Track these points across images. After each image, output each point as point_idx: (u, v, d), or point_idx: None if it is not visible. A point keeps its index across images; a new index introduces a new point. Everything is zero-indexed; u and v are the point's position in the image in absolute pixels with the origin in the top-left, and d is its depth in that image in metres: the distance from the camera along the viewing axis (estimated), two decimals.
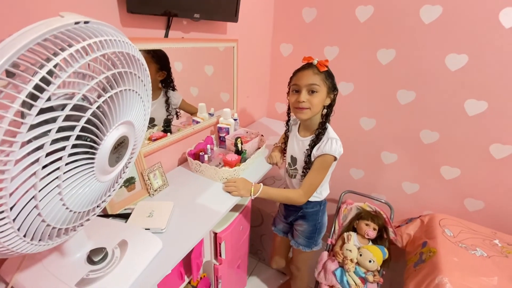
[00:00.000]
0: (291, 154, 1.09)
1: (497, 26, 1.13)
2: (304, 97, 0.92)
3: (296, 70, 0.98)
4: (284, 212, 1.22)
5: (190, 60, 1.13)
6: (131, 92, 0.48)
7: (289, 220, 1.21)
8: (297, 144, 1.06)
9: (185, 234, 0.79)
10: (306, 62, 0.95)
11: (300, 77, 0.93)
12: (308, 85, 0.92)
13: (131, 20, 0.83)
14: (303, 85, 0.92)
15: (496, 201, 1.36)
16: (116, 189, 0.58)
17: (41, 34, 0.33)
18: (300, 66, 0.97)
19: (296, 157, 1.06)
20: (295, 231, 1.20)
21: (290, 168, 1.11)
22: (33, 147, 0.32)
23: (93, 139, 0.42)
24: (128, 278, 0.61)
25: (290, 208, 1.17)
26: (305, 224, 1.14)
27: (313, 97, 0.92)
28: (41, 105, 0.31)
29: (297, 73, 0.96)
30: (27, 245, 0.38)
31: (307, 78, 0.92)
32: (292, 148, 1.09)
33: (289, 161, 1.11)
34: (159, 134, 1.06)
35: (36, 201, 0.35)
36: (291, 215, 1.18)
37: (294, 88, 0.96)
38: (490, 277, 1.03)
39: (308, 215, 1.12)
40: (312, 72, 0.92)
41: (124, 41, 0.44)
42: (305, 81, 0.92)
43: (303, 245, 1.17)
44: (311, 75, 0.92)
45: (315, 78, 0.91)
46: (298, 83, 0.94)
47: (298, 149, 1.05)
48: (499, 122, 1.24)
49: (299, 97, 0.93)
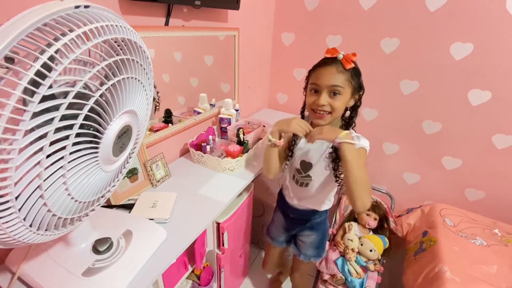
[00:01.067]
0: (303, 159, 0.92)
1: (504, 15, 1.10)
2: (324, 99, 0.78)
3: (316, 64, 0.83)
4: (285, 224, 1.09)
5: (189, 50, 1.11)
6: (133, 80, 0.47)
7: (293, 233, 1.11)
8: (310, 151, 0.91)
9: (189, 224, 0.79)
10: (330, 55, 0.80)
11: (321, 76, 0.78)
12: (330, 86, 0.77)
13: (131, 7, 0.81)
14: (324, 85, 0.78)
15: (496, 191, 1.36)
16: (120, 179, 0.57)
17: (41, 18, 0.32)
18: (321, 60, 0.83)
19: (310, 162, 0.91)
20: (301, 243, 1.09)
21: (299, 174, 0.94)
22: (36, 136, 0.31)
23: (96, 128, 0.41)
24: (134, 267, 0.62)
25: (294, 221, 1.06)
26: (313, 235, 1.06)
27: (335, 100, 0.78)
28: (43, 92, 0.30)
29: (317, 69, 0.81)
30: (33, 235, 0.38)
31: (330, 78, 0.77)
32: (303, 151, 0.92)
33: (298, 167, 0.94)
34: (160, 125, 1.05)
35: (41, 190, 0.34)
36: (295, 227, 1.08)
37: (312, 87, 0.82)
38: (490, 266, 1.04)
39: (317, 225, 1.04)
40: (336, 70, 0.77)
41: (126, 27, 0.43)
42: (327, 81, 0.77)
43: (314, 256, 1.08)
44: (335, 74, 0.77)
45: (339, 78, 0.77)
46: (318, 83, 0.79)
47: (314, 153, 0.90)
48: (502, 112, 1.23)
49: (318, 99, 0.79)
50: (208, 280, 1.12)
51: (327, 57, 0.80)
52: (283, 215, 1.09)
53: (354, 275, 1.22)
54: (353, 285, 1.20)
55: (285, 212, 1.07)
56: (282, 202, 1.07)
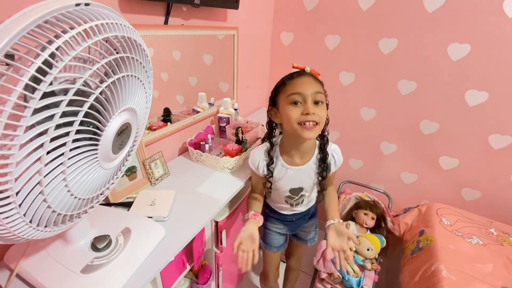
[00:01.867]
0: (291, 187, 0.89)
1: (501, 15, 1.12)
2: (312, 108, 0.72)
3: (285, 78, 0.79)
4: (287, 228, 1.07)
5: (188, 49, 1.11)
6: (133, 78, 0.48)
7: (297, 230, 1.11)
8: (295, 176, 0.87)
9: (187, 222, 0.80)
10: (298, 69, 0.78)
11: (301, 84, 0.74)
12: (314, 93, 0.73)
13: (130, 5, 0.81)
14: (308, 93, 0.72)
15: (493, 191, 1.38)
16: (119, 177, 0.58)
17: (42, 15, 0.32)
18: (288, 75, 0.80)
19: (300, 187, 0.90)
20: (303, 232, 1.12)
21: (291, 199, 0.94)
22: (37, 132, 0.32)
23: (96, 125, 0.41)
24: (133, 264, 0.62)
25: (297, 221, 1.05)
26: (313, 219, 1.12)
27: (320, 109, 0.74)
28: (44, 88, 0.31)
29: (292, 81, 0.76)
30: (33, 231, 0.38)
31: (311, 85, 0.74)
32: (289, 182, 0.88)
33: (288, 194, 0.91)
34: (159, 124, 1.05)
35: (41, 186, 0.35)
36: (300, 225, 1.08)
37: (293, 99, 0.74)
38: (485, 264, 1.05)
39: (313, 212, 1.10)
40: (312, 79, 0.75)
41: (126, 25, 0.43)
42: (310, 88, 0.73)
43: (315, 237, 1.15)
44: (313, 82, 0.75)
45: (318, 85, 0.75)
46: (301, 91, 0.72)
47: (301, 177, 0.87)
48: (499, 113, 1.24)
49: (305, 108, 0.72)
50: (206, 279, 1.12)
51: (296, 71, 0.78)
52: (281, 223, 1.05)
53: (352, 274, 1.23)
54: (350, 284, 1.21)
55: (284, 220, 1.04)
56: (276, 214, 1.03)
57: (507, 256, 1.10)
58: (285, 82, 0.77)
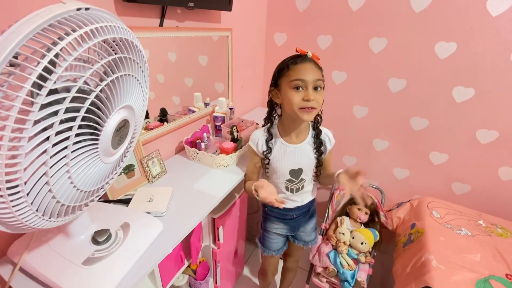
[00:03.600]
0: (291, 168, 0.93)
1: (484, 14, 1.16)
2: (312, 94, 0.78)
3: (289, 61, 0.82)
4: (288, 227, 1.07)
5: (184, 51, 1.14)
6: (130, 77, 0.51)
7: (298, 230, 1.10)
8: (294, 154, 0.92)
9: (185, 217, 0.82)
10: (301, 53, 0.82)
11: (304, 71, 0.78)
12: (315, 80, 0.78)
13: (126, 8, 0.84)
14: (310, 80, 0.78)
15: (481, 184, 1.42)
16: (118, 172, 0.60)
17: (47, 19, 0.35)
18: (291, 57, 0.83)
19: (300, 168, 0.93)
20: (303, 234, 1.11)
21: (292, 183, 0.96)
22: (43, 126, 0.35)
23: (96, 121, 0.44)
24: (132, 256, 0.65)
25: (298, 217, 1.06)
26: (313, 219, 1.12)
27: (319, 95, 0.80)
28: (50, 86, 0.34)
29: (295, 66, 0.80)
30: (39, 220, 0.41)
31: (313, 73, 0.78)
32: (289, 161, 0.92)
33: (288, 177, 0.95)
34: (155, 124, 1.08)
35: (47, 177, 0.38)
36: (300, 223, 1.08)
37: (296, 84, 0.79)
38: (474, 254, 1.09)
39: (313, 209, 1.10)
40: (314, 65, 0.80)
41: (123, 28, 0.46)
42: (312, 75, 0.78)
43: (316, 238, 1.15)
44: (315, 69, 0.79)
45: (319, 72, 0.80)
46: (304, 78, 0.78)
47: (299, 157, 0.92)
48: (485, 108, 1.29)
49: (307, 94, 0.78)
50: (204, 275, 1.15)
51: (298, 55, 0.82)
52: (282, 222, 1.06)
53: (346, 267, 1.26)
54: (345, 277, 1.24)
55: (284, 218, 1.06)
56: (276, 212, 1.04)
57: (494, 246, 1.14)
58: (289, 67, 0.81)
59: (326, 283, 1.33)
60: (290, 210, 1.04)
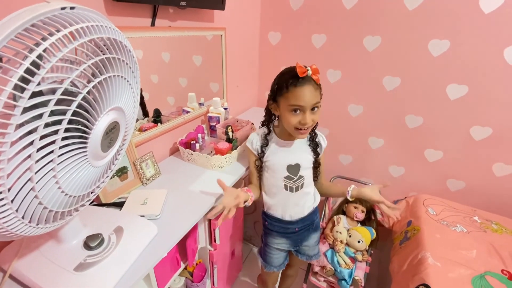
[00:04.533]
0: (288, 164, 0.93)
1: (477, 12, 1.17)
2: (309, 118, 0.82)
3: (289, 82, 0.80)
4: (290, 242, 1.05)
5: (177, 51, 1.12)
6: (119, 78, 0.49)
7: (301, 244, 1.07)
8: (291, 149, 0.94)
9: (180, 220, 0.81)
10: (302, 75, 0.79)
11: (303, 96, 0.79)
12: (313, 104, 0.81)
13: (116, 8, 0.82)
14: (308, 106, 0.80)
15: (476, 180, 1.43)
16: (110, 175, 0.59)
17: (29, 19, 0.33)
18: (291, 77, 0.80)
19: (297, 163, 0.93)
20: (307, 248, 1.08)
21: (290, 181, 0.95)
22: (27, 130, 0.33)
23: (84, 124, 0.43)
24: (126, 261, 0.64)
25: (301, 231, 1.03)
26: (316, 233, 1.09)
27: (315, 115, 0.84)
28: (33, 88, 0.32)
29: (295, 89, 0.80)
30: (25, 227, 0.40)
31: (312, 98, 0.80)
32: (285, 157, 0.94)
33: (286, 174, 0.94)
34: (149, 125, 1.07)
35: (32, 183, 0.36)
36: (304, 238, 1.05)
37: (293, 108, 0.81)
38: (469, 250, 1.10)
39: (316, 222, 1.07)
40: (313, 88, 0.80)
41: (111, 27, 0.45)
42: (310, 100, 0.80)
43: (319, 252, 1.14)
44: (313, 92, 0.80)
45: (317, 94, 0.82)
46: (303, 104, 0.80)
47: (296, 152, 0.94)
48: (478, 105, 1.30)
49: (303, 118, 0.81)
50: (201, 277, 1.14)
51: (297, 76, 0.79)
52: (283, 237, 1.04)
53: (343, 266, 1.26)
54: (343, 276, 1.24)
55: (286, 232, 1.02)
56: (278, 226, 1.01)
57: (490, 242, 1.15)
58: (288, 88, 0.81)
59: (323, 282, 1.32)
60: (292, 223, 1.00)
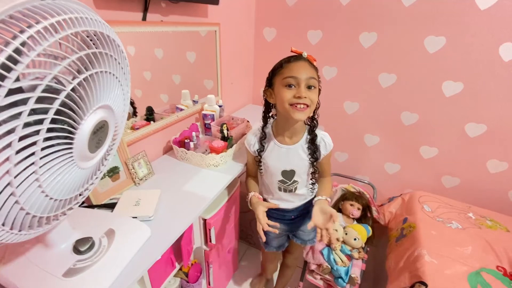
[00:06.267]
0: (283, 169, 0.92)
1: (474, 8, 1.16)
2: (305, 92, 0.77)
3: (283, 61, 0.82)
4: (287, 227, 1.08)
5: (171, 47, 1.09)
6: (108, 75, 0.47)
7: (297, 230, 1.10)
8: (286, 155, 0.91)
9: (174, 221, 0.79)
10: (296, 53, 0.80)
11: (297, 69, 0.77)
12: (308, 78, 0.77)
13: (105, 2, 0.79)
14: (302, 77, 0.76)
15: (470, 177, 1.44)
16: (99, 176, 0.56)
17: (5, 9, 0.31)
18: (286, 58, 0.82)
19: (292, 169, 0.92)
20: (302, 232, 1.10)
21: (284, 184, 0.95)
22: (3, 131, 0.31)
23: (70, 123, 0.40)
24: (117, 265, 0.61)
25: (296, 219, 1.05)
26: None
27: (312, 93, 0.79)
28: (9, 85, 0.29)
29: (289, 64, 0.79)
30: (7, 234, 0.37)
31: (306, 70, 0.77)
32: (281, 162, 0.92)
33: (280, 178, 0.94)
34: (142, 123, 1.04)
35: (12, 187, 0.34)
36: (299, 224, 1.07)
37: (288, 82, 0.78)
38: (465, 247, 1.10)
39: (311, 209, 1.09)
40: (308, 64, 0.79)
41: (97, 20, 0.42)
42: (304, 73, 0.77)
43: (315, 237, 1.11)
44: (308, 67, 0.78)
45: (313, 71, 0.79)
46: (297, 76, 0.77)
47: (291, 158, 0.91)
48: (473, 102, 1.30)
49: (298, 91, 0.77)
50: (196, 277, 1.12)
51: (293, 55, 0.81)
52: (281, 223, 1.02)
53: (340, 264, 1.26)
54: (339, 273, 1.24)
55: (282, 219, 1.04)
56: (275, 213, 1.03)
57: (484, 239, 1.15)
58: (282, 65, 0.81)
59: (320, 280, 1.32)
60: (288, 211, 1.02)
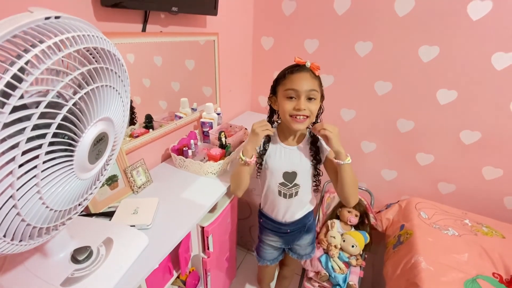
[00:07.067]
0: (285, 171, 0.92)
1: (466, 19, 1.19)
2: (304, 104, 0.80)
3: (287, 71, 0.84)
4: (282, 240, 1.08)
5: (170, 55, 1.11)
6: (108, 88, 0.48)
7: (292, 244, 1.10)
8: (291, 155, 0.91)
9: (171, 229, 0.80)
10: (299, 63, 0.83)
11: (298, 81, 0.79)
12: (308, 91, 0.79)
13: (106, 14, 0.81)
14: (302, 90, 0.79)
15: (466, 184, 1.45)
16: (98, 186, 0.57)
17: (10, 30, 0.32)
18: (290, 68, 0.84)
19: (294, 171, 0.91)
20: (298, 247, 1.10)
21: (285, 187, 0.94)
22: (7, 146, 0.32)
23: (71, 136, 0.41)
24: (115, 274, 0.62)
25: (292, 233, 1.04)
26: (310, 235, 1.09)
27: (312, 104, 0.81)
28: (13, 103, 0.31)
29: (291, 76, 0.81)
30: (7, 245, 0.38)
31: (307, 83, 0.79)
32: (283, 162, 0.92)
33: (281, 180, 0.93)
34: (140, 131, 1.05)
35: (14, 200, 0.35)
36: (294, 239, 1.07)
37: (289, 94, 0.81)
38: (461, 254, 1.11)
39: (310, 226, 1.07)
40: (310, 76, 0.80)
41: (99, 36, 0.44)
42: (305, 86, 0.79)
43: (312, 251, 1.14)
44: (310, 79, 0.80)
45: (314, 83, 0.81)
46: (297, 88, 0.79)
47: (295, 160, 0.91)
48: (468, 110, 1.32)
49: (298, 104, 0.79)
50: (194, 285, 1.12)
51: (296, 65, 0.83)
52: (276, 235, 1.06)
53: (338, 271, 1.26)
54: (337, 281, 1.24)
55: (278, 232, 1.05)
56: (271, 224, 1.04)
57: (481, 245, 1.16)
58: (285, 76, 0.83)
59: (318, 287, 1.32)
60: (283, 225, 1.02)
